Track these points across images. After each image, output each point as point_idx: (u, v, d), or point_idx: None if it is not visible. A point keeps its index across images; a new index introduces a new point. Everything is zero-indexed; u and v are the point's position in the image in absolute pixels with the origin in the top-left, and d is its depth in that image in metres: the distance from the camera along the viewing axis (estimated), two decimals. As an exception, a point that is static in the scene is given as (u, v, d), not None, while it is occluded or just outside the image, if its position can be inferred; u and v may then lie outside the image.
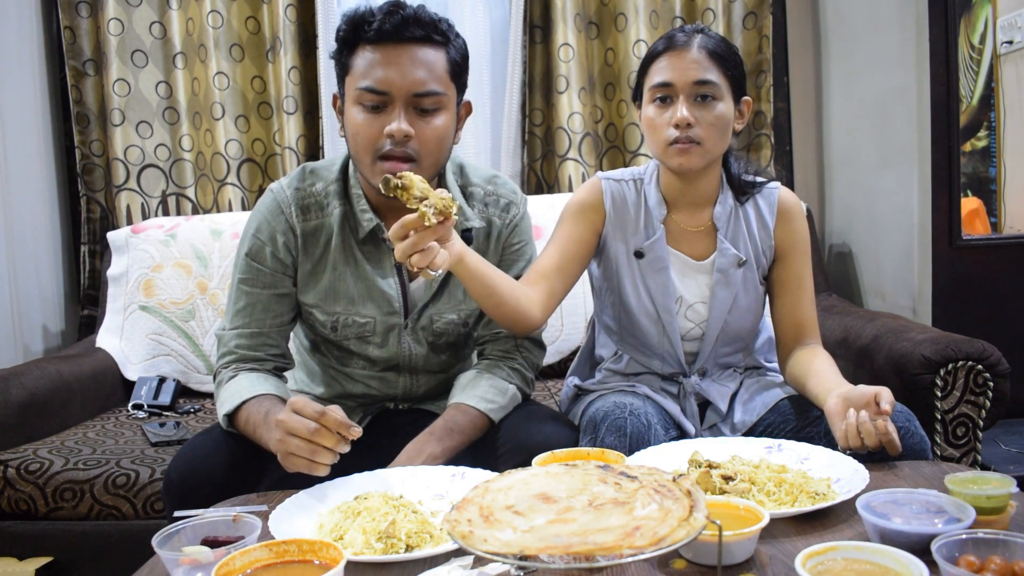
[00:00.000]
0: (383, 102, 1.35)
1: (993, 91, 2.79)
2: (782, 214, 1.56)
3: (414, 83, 1.34)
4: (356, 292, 1.47)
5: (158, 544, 0.98)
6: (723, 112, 1.44)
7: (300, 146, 2.67)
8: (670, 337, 1.54)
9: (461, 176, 1.54)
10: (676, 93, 1.43)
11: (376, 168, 1.36)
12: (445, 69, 1.37)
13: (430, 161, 1.38)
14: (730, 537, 0.94)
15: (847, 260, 2.65)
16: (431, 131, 1.36)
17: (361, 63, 1.35)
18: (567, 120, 2.65)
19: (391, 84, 1.33)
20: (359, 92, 1.35)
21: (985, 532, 0.89)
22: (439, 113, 1.37)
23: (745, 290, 1.54)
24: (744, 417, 1.51)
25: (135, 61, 2.66)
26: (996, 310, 2.27)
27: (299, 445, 1.16)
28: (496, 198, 1.54)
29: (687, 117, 1.41)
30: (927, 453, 1.35)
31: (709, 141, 1.44)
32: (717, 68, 1.43)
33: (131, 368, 2.35)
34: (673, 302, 1.53)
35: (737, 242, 1.54)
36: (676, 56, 1.44)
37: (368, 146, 1.36)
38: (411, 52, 1.34)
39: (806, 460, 1.25)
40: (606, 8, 2.70)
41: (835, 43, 2.68)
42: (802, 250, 1.56)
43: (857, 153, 2.59)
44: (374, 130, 1.35)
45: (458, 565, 0.96)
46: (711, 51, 1.43)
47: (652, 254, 1.53)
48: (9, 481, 1.74)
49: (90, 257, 2.67)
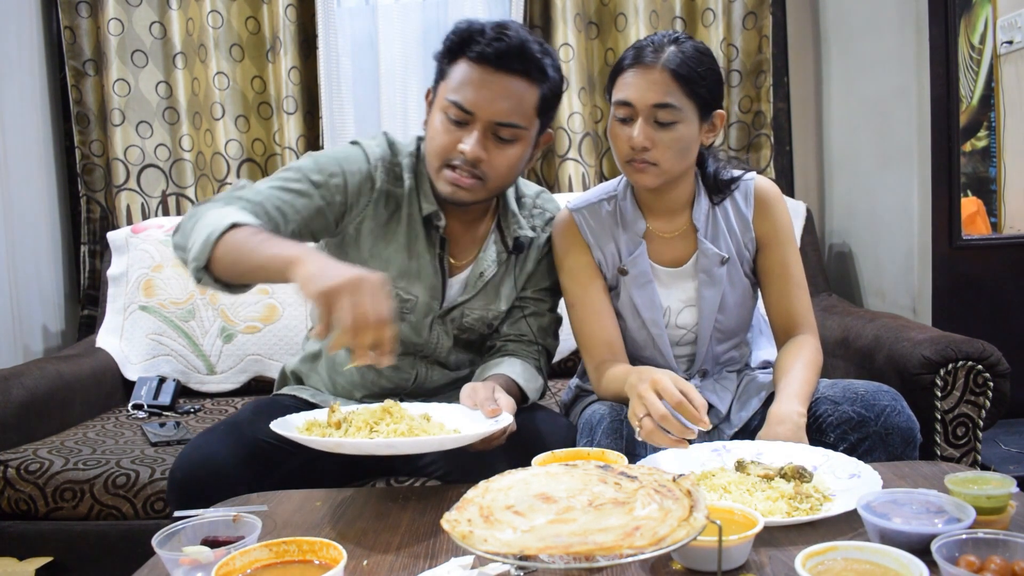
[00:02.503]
0: (466, 120, 1.39)
1: (993, 91, 2.79)
2: (759, 203, 1.54)
3: (498, 112, 1.38)
4: (411, 267, 1.50)
5: (158, 544, 0.98)
6: (682, 135, 1.42)
7: (300, 146, 2.67)
8: (661, 350, 1.55)
9: (516, 187, 1.60)
10: (635, 113, 1.42)
11: (442, 175, 1.42)
12: (533, 104, 1.41)
13: (495, 184, 1.44)
14: (728, 542, 0.93)
15: (847, 260, 2.65)
16: (503, 158, 1.41)
17: (457, 75, 1.39)
18: (567, 120, 2.65)
19: (477, 107, 1.38)
20: (447, 103, 1.39)
21: (985, 532, 0.89)
22: (515, 144, 1.42)
23: (732, 286, 1.54)
24: (740, 413, 1.52)
25: (135, 61, 2.66)
26: (996, 310, 2.26)
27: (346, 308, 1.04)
28: (542, 212, 1.62)
29: (642, 141, 1.41)
30: (915, 433, 1.36)
31: (666, 163, 1.43)
32: (680, 89, 1.40)
33: (131, 368, 2.35)
34: (660, 315, 1.54)
35: (718, 240, 1.53)
36: (640, 74, 1.41)
37: (442, 153, 1.41)
38: (505, 82, 1.38)
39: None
40: (606, 8, 2.69)
41: (835, 43, 2.68)
42: (784, 237, 1.54)
43: (857, 153, 2.59)
44: (450, 141, 1.40)
45: (458, 565, 0.96)
46: (675, 71, 1.39)
47: (635, 269, 1.53)
48: (9, 481, 1.74)
49: (90, 257, 2.67)
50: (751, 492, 1.13)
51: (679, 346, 1.56)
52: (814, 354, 1.50)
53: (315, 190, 1.44)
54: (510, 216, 1.56)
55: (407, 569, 1.01)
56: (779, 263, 1.54)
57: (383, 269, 1.45)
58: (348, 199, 1.47)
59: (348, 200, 1.47)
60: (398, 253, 1.50)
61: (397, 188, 1.50)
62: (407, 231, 1.50)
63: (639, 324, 1.55)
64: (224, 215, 1.26)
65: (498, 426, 1.23)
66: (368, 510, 1.20)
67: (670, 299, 1.54)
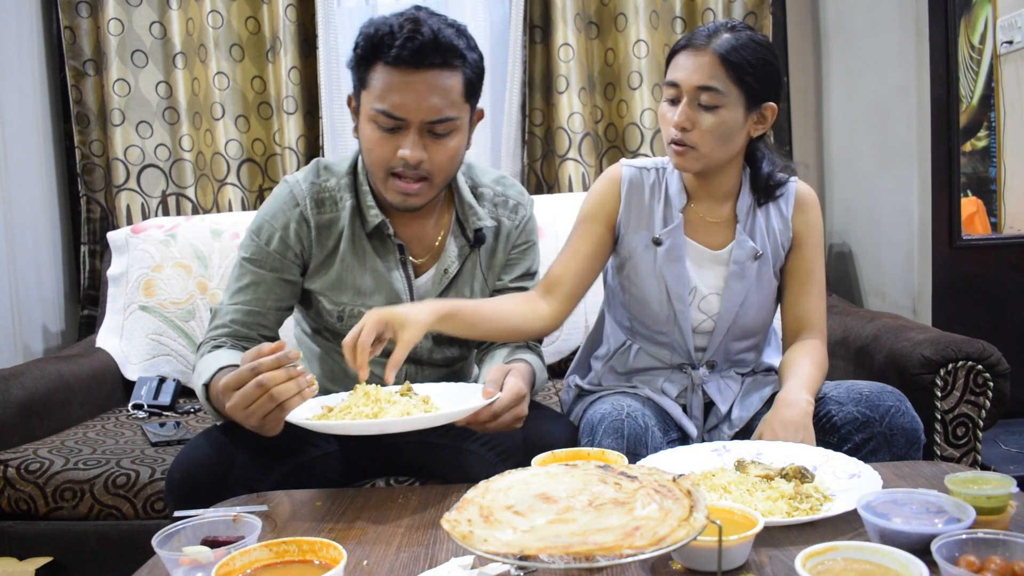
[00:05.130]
0: (398, 126, 1.37)
1: (993, 91, 2.80)
2: (799, 204, 1.57)
3: (429, 110, 1.36)
4: (364, 284, 1.49)
5: (158, 544, 0.98)
6: (724, 120, 1.42)
7: (300, 146, 2.67)
8: (681, 327, 1.54)
9: (470, 177, 1.58)
10: (682, 94, 1.43)
11: (389, 184, 1.41)
12: (460, 92, 1.39)
13: (442, 178, 1.43)
14: (728, 542, 0.93)
15: (847, 260, 2.65)
16: (443, 153, 1.40)
17: (378, 82, 1.36)
18: (567, 120, 2.65)
19: (406, 111, 1.35)
20: (375, 113, 1.37)
21: (985, 532, 0.89)
22: (452, 135, 1.40)
23: (759, 285, 1.55)
24: (741, 413, 1.52)
25: (135, 61, 2.66)
26: (996, 310, 2.27)
27: (248, 393, 1.14)
28: (505, 199, 1.58)
29: (682, 121, 1.42)
30: (919, 434, 1.36)
31: (704, 147, 1.43)
32: (727, 75, 1.41)
33: (131, 368, 2.35)
34: (687, 292, 1.53)
35: (755, 235, 1.54)
36: (690, 56, 1.43)
37: (382, 164, 1.40)
38: (427, 78, 1.35)
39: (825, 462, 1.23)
40: (606, 8, 2.69)
41: (835, 43, 2.68)
42: (815, 241, 1.57)
43: (857, 153, 2.59)
44: (388, 150, 1.38)
45: (458, 565, 0.96)
46: (724, 56, 1.40)
47: (670, 241, 1.53)
48: (9, 481, 1.74)
49: (90, 257, 2.67)
50: (751, 492, 1.13)
51: (696, 334, 1.56)
52: (821, 356, 1.50)
53: (262, 271, 1.47)
54: (467, 209, 1.53)
55: (407, 569, 1.01)
56: (804, 264, 1.56)
57: (335, 295, 1.49)
58: (294, 248, 1.48)
59: (296, 249, 1.48)
60: (348, 272, 1.49)
61: (333, 214, 1.49)
62: (352, 250, 1.49)
63: (664, 298, 1.54)
64: (199, 376, 1.36)
65: (478, 405, 1.22)
66: (368, 510, 1.20)
67: (698, 280, 1.54)
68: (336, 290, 1.50)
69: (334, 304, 1.51)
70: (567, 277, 1.54)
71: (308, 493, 1.29)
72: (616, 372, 1.62)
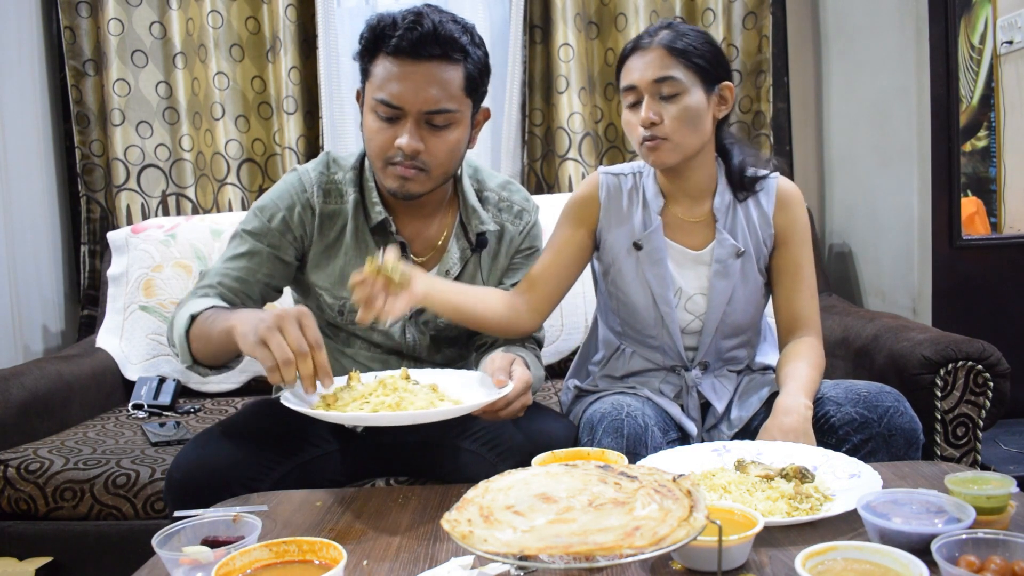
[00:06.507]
0: (396, 115, 1.39)
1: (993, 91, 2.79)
2: (781, 201, 1.56)
3: (426, 101, 1.37)
4: None
5: (158, 544, 0.98)
6: (688, 105, 1.45)
7: (300, 146, 2.67)
8: (669, 329, 1.54)
9: (477, 180, 1.59)
10: (641, 94, 1.46)
11: (387, 172, 1.42)
12: (460, 86, 1.40)
13: (440, 172, 1.44)
14: (728, 542, 0.93)
15: (847, 260, 2.65)
16: (441, 145, 1.41)
17: (380, 73, 1.39)
18: (567, 120, 2.66)
19: (404, 100, 1.37)
20: (375, 102, 1.39)
21: (985, 532, 0.89)
22: (451, 128, 1.41)
23: (744, 281, 1.55)
24: (740, 413, 1.52)
25: (135, 61, 2.66)
26: (996, 310, 2.27)
27: (281, 344, 1.12)
28: (509, 204, 1.60)
29: (650, 117, 1.44)
30: (918, 434, 1.36)
31: (676, 135, 1.45)
32: (678, 62, 1.44)
33: (131, 368, 2.35)
34: (672, 294, 1.54)
35: (736, 233, 1.54)
36: (639, 57, 1.47)
37: (380, 153, 1.42)
38: (427, 70, 1.37)
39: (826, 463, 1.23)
40: (606, 8, 2.70)
41: (835, 43, 2.68)
42: (801, 238, 1.57)
43: (857, 153, 2.59)
44: (386, 139, 1.40)
45: (458, 565, 0.96)
46: (669, 46, 1.44)
47: (649, 245, 1.54)
48: (9, 481, 1.74)
49: (90, 257, 2.67)
50: (751, 492, 1.13)
51: (685, 334, 1.56)
52: (818, 356, 1.50)
53: (260, 244, 1.48)
54: (471, 211, 1.55)
55: (407, 569, 1.01)
56: (792, 262, 1.56)
57: (337, 290, 1.49)
58: (295, 231, 1.49)
59: (296, 233, 1.49)
60: (350, 267, 1.49)
61: (338, 206, 1.51)
62: (355, 245, 1.50)
63: (650, 301, 1.55)
64: (187, 310, 1.35)
65: (499, 394, 1.23)
66: (368, 510, 1.20)
67: (682, 282, 1.55)
68: (338, 285, 1.51)
69: (335, 298, 1.52)
70: (545, 278, 1.55)
71: (308, 493, 1.29)
72: (612, 377, 1.62)
